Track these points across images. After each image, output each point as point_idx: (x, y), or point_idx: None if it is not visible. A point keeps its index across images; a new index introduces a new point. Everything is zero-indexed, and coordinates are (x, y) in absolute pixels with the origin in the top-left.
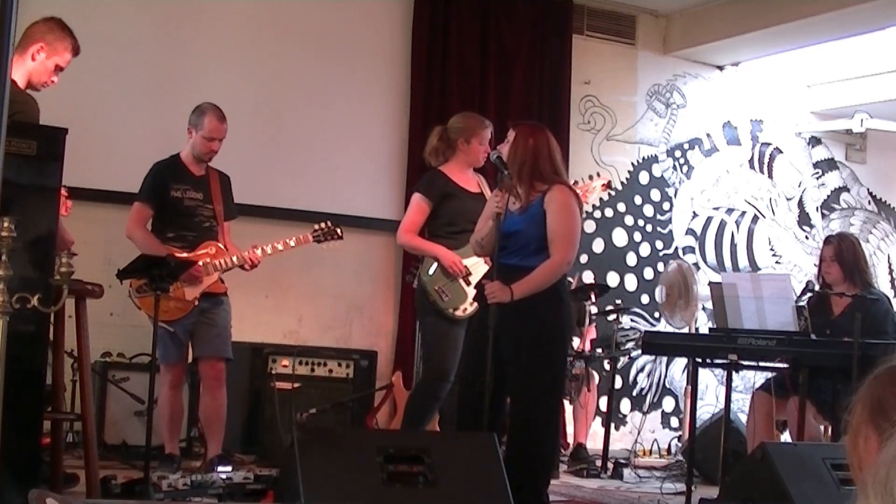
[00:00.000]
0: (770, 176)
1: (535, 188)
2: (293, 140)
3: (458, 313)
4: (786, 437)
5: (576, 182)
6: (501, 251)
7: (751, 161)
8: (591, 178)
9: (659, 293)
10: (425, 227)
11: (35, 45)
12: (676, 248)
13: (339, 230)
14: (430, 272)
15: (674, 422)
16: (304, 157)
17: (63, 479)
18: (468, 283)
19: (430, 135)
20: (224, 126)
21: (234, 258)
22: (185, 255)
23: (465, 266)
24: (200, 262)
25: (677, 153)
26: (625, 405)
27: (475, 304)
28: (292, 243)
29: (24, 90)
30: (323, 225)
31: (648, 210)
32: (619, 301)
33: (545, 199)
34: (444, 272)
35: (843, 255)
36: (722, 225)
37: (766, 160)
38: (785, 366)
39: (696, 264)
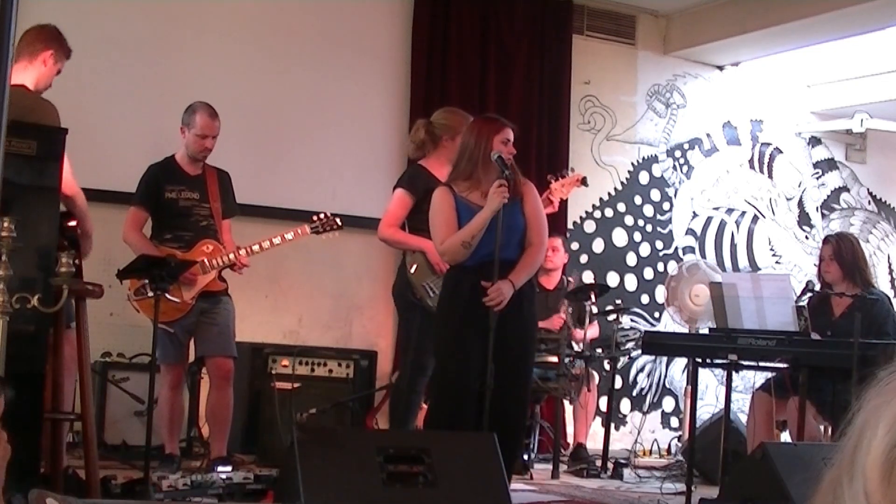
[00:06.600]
0: (770, 176)
1: None
2: (293, 139)
3: None
4: (786, 437)
5: (550, 176)
6: (490, 245)
7: (751, 161)
8: (562, 175)
9: (662, 293)
10: (406, 222)
11: (47, 52)
12: (676, 248)
13: (338, 220)
14: (414, 269)
15: (674, 422)
16: (304, 157)
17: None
18: None
19: (415, 128)
20: (216, 123)
21: (232, 255)
22: (183, 255)
23: None
24: (200, 260)
25: (677, 153)
26: (625, 405)
27: None
28: (290, 237)
29: (41, 97)
30: (322, 216)
31: (648, 210)
32: (619, 301)
33: (524, 191)
34: (430, 268)
35: (842, 254)
36: (722, 225)
37: (766, 160)
38: (785, 366)
39: (695, 264)
